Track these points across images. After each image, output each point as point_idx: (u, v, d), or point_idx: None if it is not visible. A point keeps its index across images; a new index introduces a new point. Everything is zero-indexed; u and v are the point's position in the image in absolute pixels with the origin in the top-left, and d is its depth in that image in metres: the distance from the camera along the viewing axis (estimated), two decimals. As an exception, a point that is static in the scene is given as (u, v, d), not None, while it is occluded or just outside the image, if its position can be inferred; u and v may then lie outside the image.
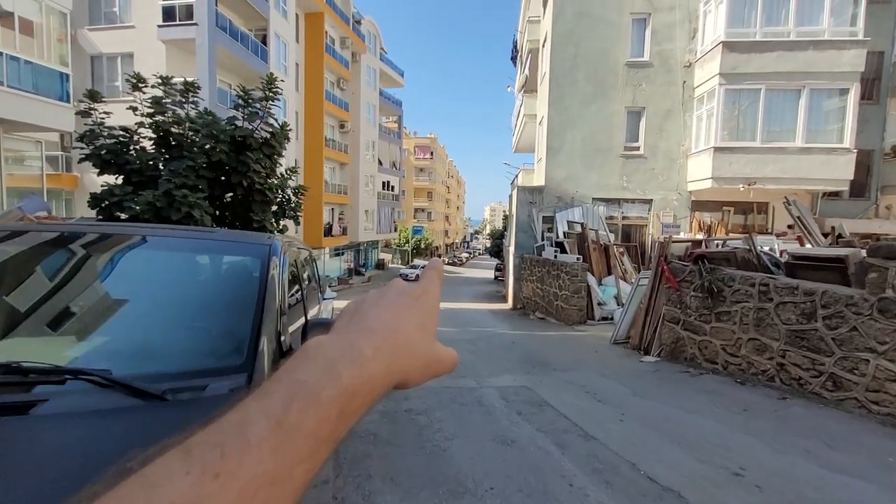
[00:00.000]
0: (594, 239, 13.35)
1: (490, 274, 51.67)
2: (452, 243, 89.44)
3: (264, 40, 23.47)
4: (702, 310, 6.84)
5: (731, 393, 5.54)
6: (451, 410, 4.87)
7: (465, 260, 72.03)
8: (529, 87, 19.51)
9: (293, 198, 10.47)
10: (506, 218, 46.25)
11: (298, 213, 10.80)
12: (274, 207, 10.14)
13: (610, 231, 14.85)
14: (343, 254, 35.88)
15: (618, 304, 12.39)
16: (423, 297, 0.51)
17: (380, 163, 38.99)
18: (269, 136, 9.21)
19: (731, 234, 12.80)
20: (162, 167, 8.27)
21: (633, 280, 12.81)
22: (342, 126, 33.17)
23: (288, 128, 9.64)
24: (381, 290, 0.50)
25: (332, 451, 0.35)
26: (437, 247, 67.85)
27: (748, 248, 7.16)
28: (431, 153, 67.48)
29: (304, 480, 0.32)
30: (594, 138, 15.57)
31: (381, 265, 44.52)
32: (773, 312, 5.60)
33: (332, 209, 32.83)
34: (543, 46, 17.16)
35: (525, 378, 6.54)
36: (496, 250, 42.17)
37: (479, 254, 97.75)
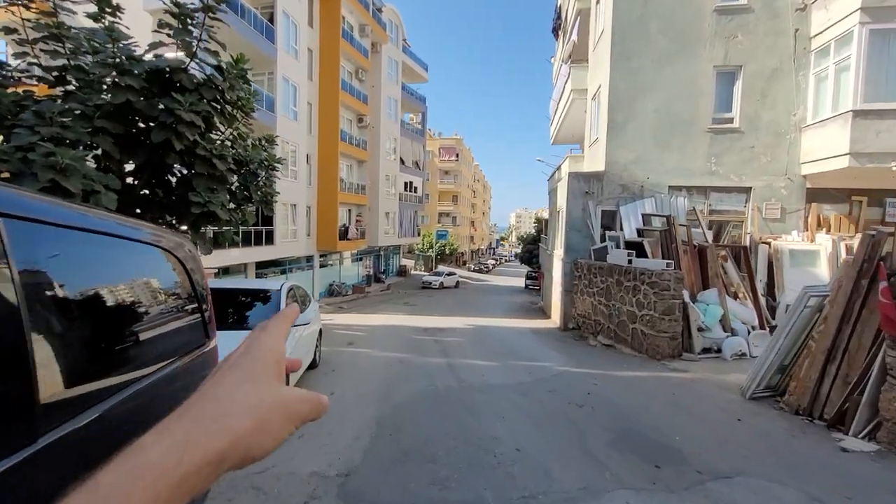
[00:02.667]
0: (684, 239, 9.73)
1: (519, 282, 47.94)
2: (478, 249, 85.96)
3: (271, 19, 20.86)
4: None
5: None
6: None
7: (491, 267, 68.49)
8: (577, 56, 16.05)
9: (262, 174, 7.36)
10: (538, 221, 42.51)
11: (271, 198, 7.68)
12: (234, 185, 7.04)
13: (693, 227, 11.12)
14: (362, 259, 32.99)
15: (724, 331, 8.72)
16: (249, 351, 0.46)
17: (402, 162, 36.10)
18: (213, 72, 6.10)
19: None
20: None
21: (741, 296, 9.11)
22: (360, 120, 30.42)
23: (245, 64, 6.52)
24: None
25: None
26: (461, 252, 64.50)
27: None
28: (457, 155, 64.42)
29: None
30: (672, 108, 11.96)
31: (402, 272, 41.50)
32: None
33: (349, 210, 30.02)
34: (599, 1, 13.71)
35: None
36: (527, 256, 38.47)
37: (506, 261, 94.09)
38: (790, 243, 10.55)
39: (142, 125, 5.91)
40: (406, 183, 37.75)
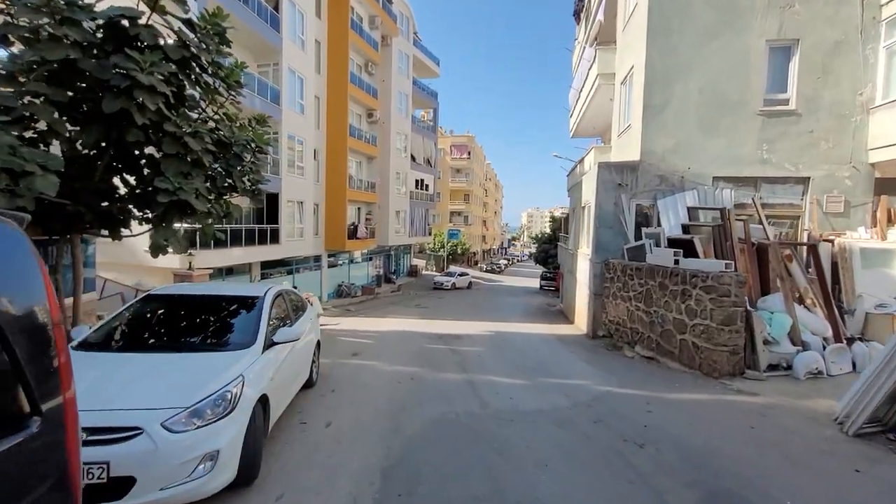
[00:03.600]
0: (741, 236, 8.39)
1: (532, 283, 46.51)
2: (489, 249, 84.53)
3: (276, 7, 19.85)
4: None
5: None
6: None
7: (503, 267, 67.08)
8: (604, 38, 14.73)
9: (248, 158, 6.24)
10: (553, 220, 41.08)
11: (258, 185, 6.56)
12: (215, 170, 5.92)
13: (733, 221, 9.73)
14: (371, 259, 31.95)
15: (793, 345, 7.38)
16: None
17: (413, 158, 34.98)
18: (182, 27, 5.00)
19: None
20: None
21: (809, 302, 7.75)
22: (370, 115, 29.38)
23: (225, 20, 5.40)
24: None
25: None
26: (474, 252, 63.21)
27: None
28: (469, 153, 63.14)
29: None
30: (717, 89, 10.60)
31: (413, 272, 40.37)
32: None
33: (359, 208, 28.99)
34: (631, -27, 12.38)
35: None
36: (543, 257, 37.07)
37: (518, 261, 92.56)
38: (860, 241, 9.13)
39: (97, 93, 4.80)
40: (417, 180, 36.62)
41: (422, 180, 37.60)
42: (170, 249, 5.68)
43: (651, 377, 7.53)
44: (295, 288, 16.13)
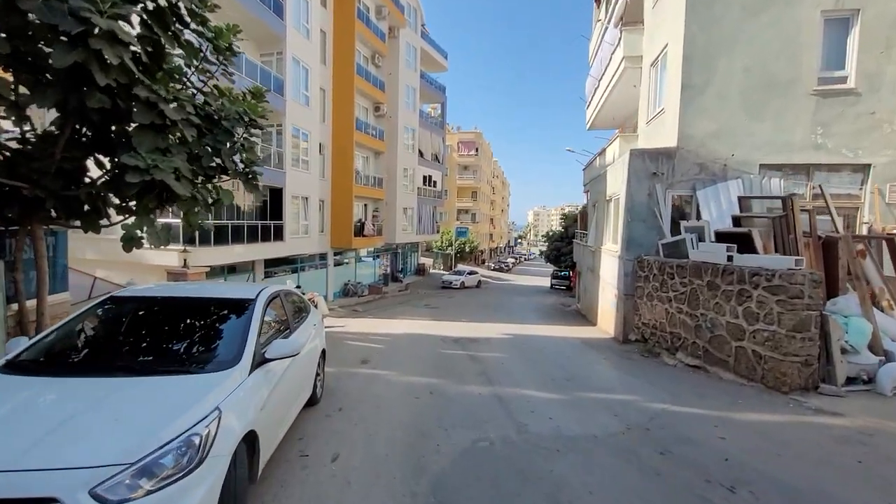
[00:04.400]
0: (805, 229, 7.34)
1: (542, 281, 45.46)
2: (496, 248, 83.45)
3: (280, -6, 18.95)
4: None
5: None
6: None
7: (511, 266, 66.10)
8: (630, 18, 13.67)
9: (240, 132, 5.31)
10: (565, 217, 39.94)
11: (252, 167, 5.62)
12: (204, 146, 4.99)
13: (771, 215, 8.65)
14: (378, 257, 31.07)
15: (874, 354, 6.34)
16: None
17: (420, 154, 34.01)
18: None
19: None
20: None
21: (886, 304, 6.71)
22: (377, 109, 28.45)
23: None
24: None
25: None
26: (481, 251, 62.17)
27: None
28: (476, 149, 62.06)
29: None
30: (766, 66, 9.54)
31: (421, 270, 39.47)
32: None
33: (365, 205, 28.10)
34: (663, -56, 11.32)
35: None
36: (555, 255, 35.98)
37: (525, 259, 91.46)
38: (935, 235, 8.05)
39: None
40: (425, 177, 35.65)
41: (430, 176, 36.62)
42: (146, 243, 4.77)
43: (705, 391, 6.53)
44: (298, 287, 15.25)
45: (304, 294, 15.21)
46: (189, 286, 4.57)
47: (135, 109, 4.13)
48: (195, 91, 5.16)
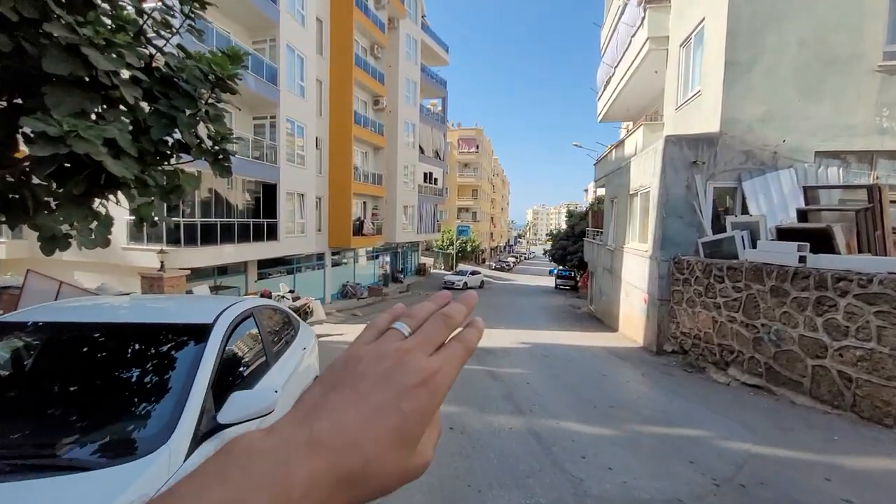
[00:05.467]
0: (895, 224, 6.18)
1: (545, 281, 44.35)
2: (497, 247, 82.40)
3: (272, -23, 17.71)
4: None
5: None
6: None
7: (512, 265, 65.01)
8: (655, -5, 12.49)
9: (205, 95, 4.08)
10: (571, 215, 38.80)
11: (223, 144, 4.42)
12: (151, 112, 3.74)
13: (836, 208, 7.46)
14: (378, 257, 29.89)
15: None
16: (423, 387, 0.35)
17: (421, 150, 32.84)
18: None
19: None
20: None
21: None
22: (376, 102, 27.23)
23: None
24: (370, 355, 0.37)
25: None
26: (482, 250, 61.01)
27: None
28: (477, 147, 60.89)
29: None
30: (823, 40, 8.38)
31: (421, 270, 38.29)
32: None
33: (364, 202, 26.89)
34: None
35: None
36: (560, 254, 34.82)
37: (526, 258, 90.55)
38: None
39: None
40: (426, 174, 34.46)
41: (430, 173, 35.44)
42: (74, 241, 3.57)
43: (784, 421, 5.35)
44: (291, 292, 13.98)
45: (297, 298, 14.06)
46: (123, 304, 3.33)
47: (46, 53, 2.93)
48: (153, 51, 3.96)
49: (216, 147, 4.12)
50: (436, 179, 36.66)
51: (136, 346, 2.41)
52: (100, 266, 13.75)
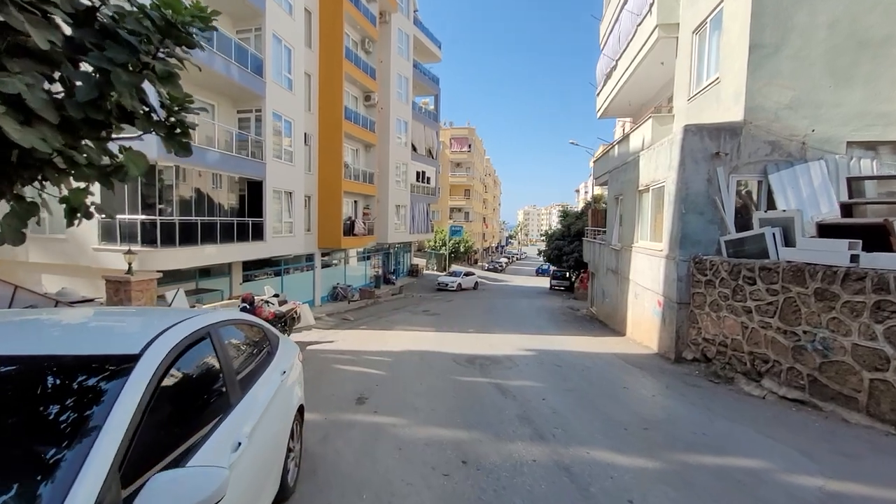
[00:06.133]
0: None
1: (538, 282, 43.77)
2: (489, 247, 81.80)
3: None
4: None
5: None
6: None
7: (505, 266, 64.37)
8: (665, -19, 11.81)
9: (151, 50, 3.15)
10: (566, 215, 38.19)
11: (181, 115, 3.53)
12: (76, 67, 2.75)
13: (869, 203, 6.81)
14: (369, 258, 28.95)
15: None
16: None
17: (413, 149, 31.99)
18: None
19: None
20: None
21: None
22: (367, 98, 26.35)
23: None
24: None
25: None
26: (475, 251, 60.30)
27: None
28: (469, 146, 60.18)
29: None
30: (856, 21, 7.73)
31: (414, 271, 37.41)
32: None
33: (356, 201, 25.97)
34: None
35: None
36: (556, 254, 34.18)
37: (518, 259, 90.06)
38: None
39: None
40: (418, 173, 33.61)
41: (423, 172, 34.58)
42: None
43: (846, 446, 4.63)
44: (276, 296, 12.94)
45: (284, 302, 13.11)
46: (25, 320, 2.41)
47: None
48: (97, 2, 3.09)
49: (171, 118, 3.27)
50: (428, 178, 35.82)
51: (16, 402, 1.55)
52: (69, 269, 12.71)
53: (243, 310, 9.53)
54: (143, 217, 11.81)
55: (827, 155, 7.87)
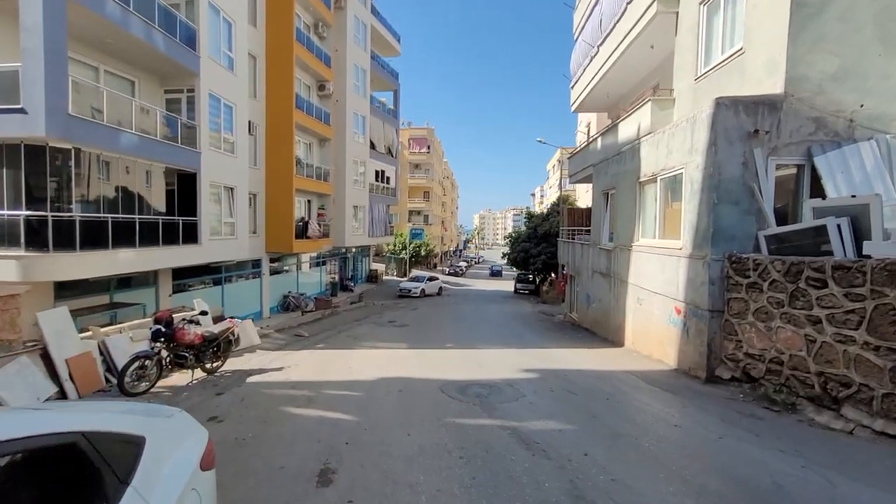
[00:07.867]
0: None
1: (502, 286, 42.65)
2: (448, 251, 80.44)
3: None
4: None
5: None
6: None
7: (465, 269, 63.12)
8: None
9: None
10: (531, 217, 37.25)
11: None
12: None
13: None
14: (325, 263, 26.43)
15: None
16: None
17: (372, 146, 29.78)
18: None
19: None
20: None
21: None
22: (321, 87, 23.95)
23: None
24: None
25: None
26: (436, 254, 58.54)
27: None
28: (429, 147, 58.47)
29: None
30: (909, -22, 6.69)
31: (373, 277, 35.06)
32: None
33: (309, 201, 23.46)
34: None
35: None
36: (522, 257, 33.04)
37: (476, 262, 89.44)
38: None
39: None
40: (377, 172, 31.39)
41: (382, 171, 32.41)
42: None
43: None
44: (204, 313, 9.91)
45: (220, 319, 10.54)
46: None
47: None
48: None
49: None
50: (388, 178, 33.68)
51: None
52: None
53: (156, 333, 7.13)
54: (28, 213, 9.07)
55: (877, 134, 6.74)
